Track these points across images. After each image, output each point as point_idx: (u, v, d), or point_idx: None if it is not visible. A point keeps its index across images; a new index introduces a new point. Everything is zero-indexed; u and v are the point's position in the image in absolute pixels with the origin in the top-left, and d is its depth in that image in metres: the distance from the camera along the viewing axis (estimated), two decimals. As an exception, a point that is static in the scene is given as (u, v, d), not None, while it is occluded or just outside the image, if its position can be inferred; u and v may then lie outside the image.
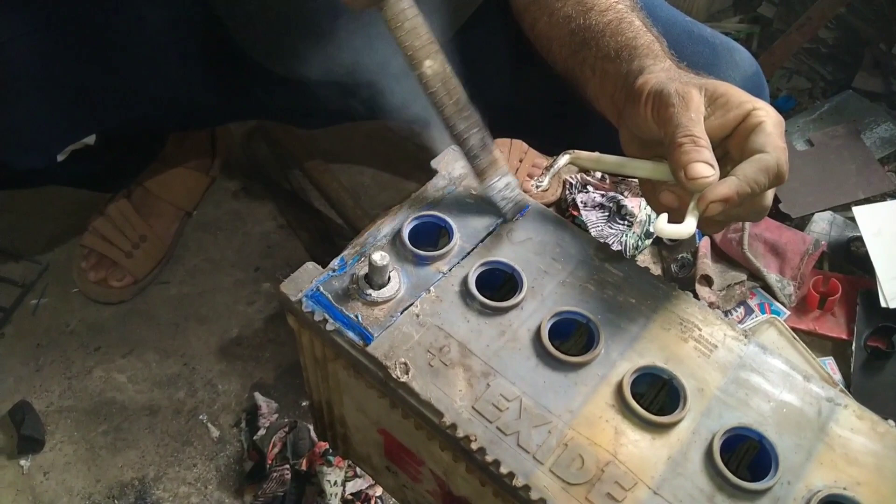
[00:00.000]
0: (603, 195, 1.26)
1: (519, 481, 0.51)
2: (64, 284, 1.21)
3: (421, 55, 0.60)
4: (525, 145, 1.34)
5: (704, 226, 0.59)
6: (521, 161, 1.33)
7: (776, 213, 1.31)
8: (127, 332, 1.16)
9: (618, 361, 0.57)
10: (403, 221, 0.64)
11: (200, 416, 1.07)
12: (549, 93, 0.89)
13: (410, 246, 0.62)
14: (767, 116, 0.57)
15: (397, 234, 0.63)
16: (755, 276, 1.22)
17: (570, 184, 1.30)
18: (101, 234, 1.19)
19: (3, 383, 1.10)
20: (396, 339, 0.57)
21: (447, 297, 0.60)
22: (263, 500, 0.97)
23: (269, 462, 0.98)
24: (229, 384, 1.11)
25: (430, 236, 0.66)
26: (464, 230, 0.64)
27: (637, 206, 1.24)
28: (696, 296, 0.96)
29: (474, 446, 0.52)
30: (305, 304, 0.59)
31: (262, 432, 1.02)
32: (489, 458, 0.52)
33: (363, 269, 0.60)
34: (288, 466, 0.98)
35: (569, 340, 0.61)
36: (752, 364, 0.58)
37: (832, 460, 0.53)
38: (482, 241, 0.64)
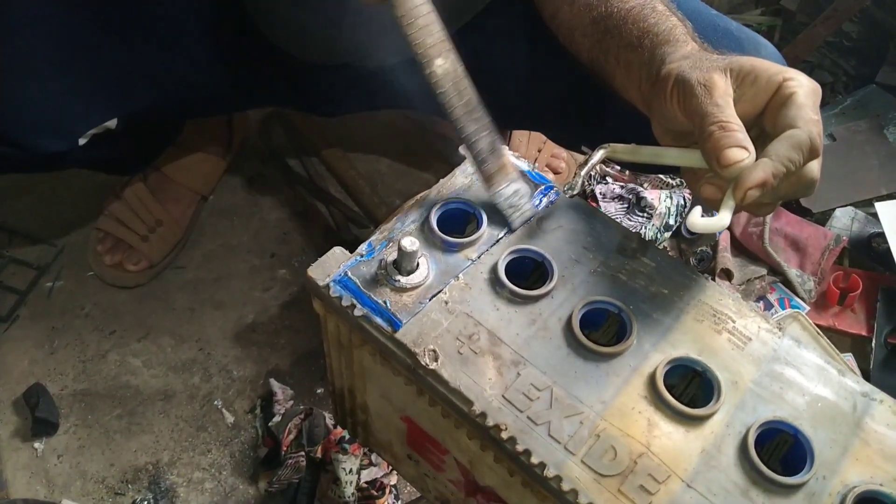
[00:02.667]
0: (622, 187, 1.25)
1: (550, 472, 0.50)
2: (79, 267, 1.20)
3: (432, 53, 0.58)
4: (543, 137, 1.32)
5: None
6: (539, 151, 1.31)
7: (797, 208, 1.30)
8: (142, 316, 1.15)
9: (650, 352, 0.56)
10: (432, 207, 0.63)
11: (215, 402, 1.07)
12: (568, 83, 0.88)
13: (439, 232, 0.61)
14: (799, 87, 0.54)
15: (426, 220, 0.62)
16: (775, 271, 1.20)
17: (590, 175, 1.29)
18: (116, 217, 1.18)
19: (18, 366, 1.10)
20: (425, 326, 0.57)
21: (476, 284, 0.59)
22: (278, 486, 0.97)
23: (285, 449, 0.98)
24: (244, 370, 1.10)
25: (458, 223, 0.65)
26: (493, 217, 0.63)
27: (657, 198, 1.23)
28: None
29: (504, 435, 0.52)
30: (333, 288, 0.58)
31: (277, 419, 1.01)
32: (520, 448, 0.51)
33: (391, 255, 0.59)
34: (303, 453, 0.97)
35: (598, 331, 0.60)
36: (787, 357, 0.57)
37: (868, 456, 0.52)
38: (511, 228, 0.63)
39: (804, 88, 0.55)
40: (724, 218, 0.54)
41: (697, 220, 0.54)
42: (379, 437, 0.74)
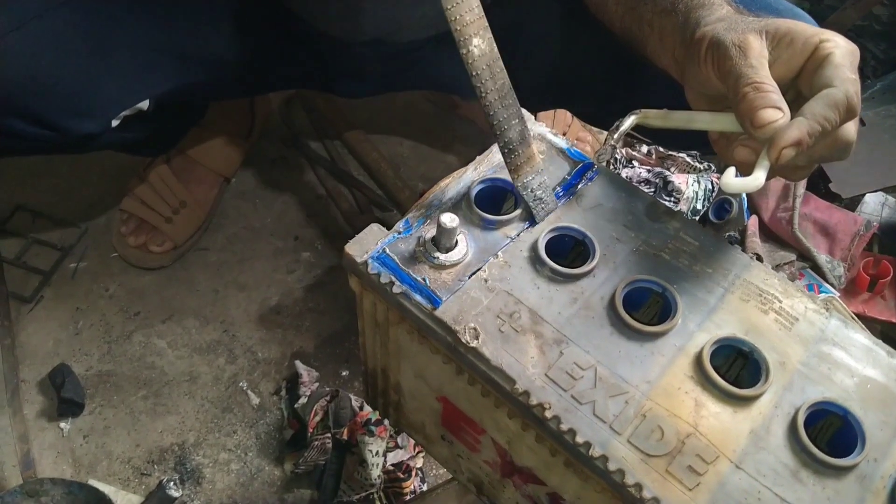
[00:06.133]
0: (649, 171, 1.24)
1: (596, 451, 0.49)
2: (103, 249, 1.20)
3: (470, 32, 0.55)
4: (569, 117, 1.31)
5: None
6: (564, 134, 1.30)
7: (826, 193, 1.28)
8: (167, 298, 1.15)
9: (695, 332, 0.55)
10: (470, 184, 0.62)
11: (240, 384, 1.07)
12: (599, 57, 0.87)
13: (478, 209, 0.60)
14: (836, 47, 0.54)
15: (464, 197, 0.61)
16: (804, 257, 1.19)
17: (616, 158, 1.27)
18: (140, 198, 1.18)
19: (43, 346, 1.10)
20: (465, 304, 0.56)
21: (516, 262, 0.58)
22: (304, 468, 0.96)
23: (311, 430, 0.97)
24: (269, 352, 1.10)
25: (495, 200, 0.64)
26: (531, 195, 0.62)
27: (684, 182, 1.21)
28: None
29: (548, 415, 0.51)
30: (371, 265, 0.57)
31: (303, 400, 1.01)
32: (564, 427, 0.50)
33: (430, 232, 0.58)
34: (329, 435, 0.97)
35: (639, 310, 0.59)
36: (835, 338, 0.55)
37: (920, 439, 0.51)
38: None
39: (841, 49, 0.54)
40: (758, 177, 0.53)
41: (731, 179, 0.53)
42: (411, 418, 0.74)
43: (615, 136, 0.62)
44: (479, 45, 0.56)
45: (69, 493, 0.92)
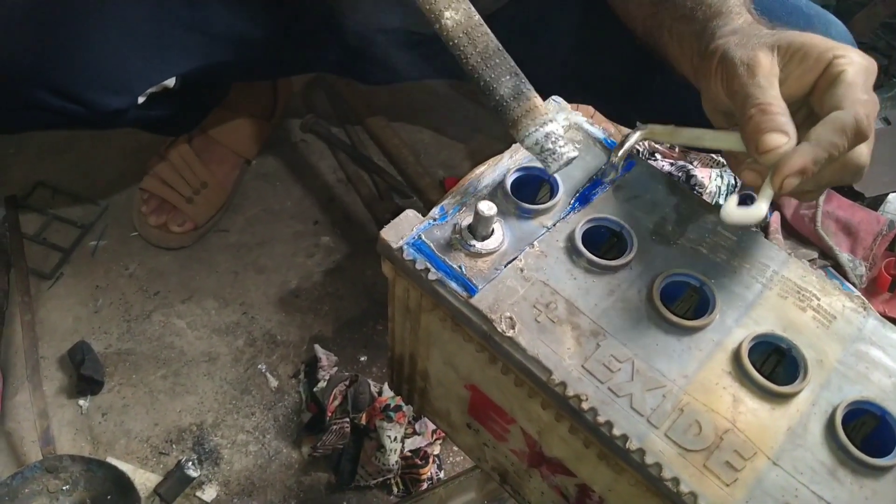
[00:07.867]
0: (672, 164, 1.23)
1: (633, 444, 0.49)
2: (123, 227, 1.20)
3: (440, 7, 0.56)
4: (591, 110, 1.30)
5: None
6: (586, 125, 1.29)
7: (848, 192, 1.27)
8: (186, 278, 1.15)
9: (733, 328, 0.54)
10: (505, 172, 0.62)
11: (259, 366, 1.07)
12: (621, 53, 0.86)
13: (514, 198, 0.60)
14: (849, 64, 0.51)
15: (499, 185, 0.61)
16: (826, 255, 1.18)
17: (638, 151, 1.27)
18: (161, 178, 1.17)
19: (63, 323, 1.10)
20: (501, 293, 0.55)
21: (552, 252, 0.58)
22: (322, 451, 0.97)
23: (329, 415, 0.97)
24: (288, 335, 1.10)
25: (530, 189, 0.63)
26: (567, 184, 0.61)
27: (707, 176, 1.20)
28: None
29: (585, 406, 0.51)
30: (406, 251, 0.57)
31: (322, 384, 1.01)
32: (601, 420, 0.50)
33: (466, 220, 0.58)
34: (347, 420, 0.97)
35: (674, 304, 0.59)
36: (872, 337, 0.55)
37: (957, 442, 0.51)
38: (587, 197, 0.61)
39: (854, 66, 0.52)
40: (760, 208, 0.51)
41: (733, 210, 0.51)
42: (436, 405, 0.73)
43: (619, 152, 0.60)
44: (453, 16, 0.56)
45: (88, 471, 0.93)
